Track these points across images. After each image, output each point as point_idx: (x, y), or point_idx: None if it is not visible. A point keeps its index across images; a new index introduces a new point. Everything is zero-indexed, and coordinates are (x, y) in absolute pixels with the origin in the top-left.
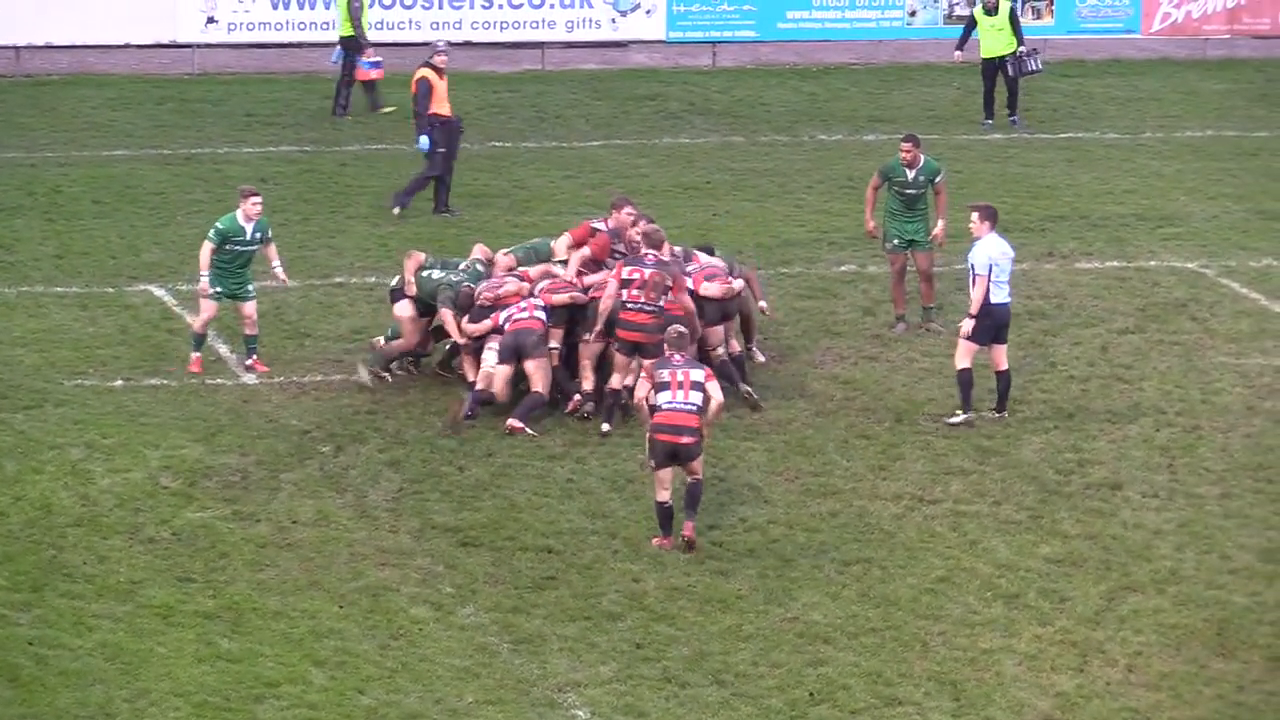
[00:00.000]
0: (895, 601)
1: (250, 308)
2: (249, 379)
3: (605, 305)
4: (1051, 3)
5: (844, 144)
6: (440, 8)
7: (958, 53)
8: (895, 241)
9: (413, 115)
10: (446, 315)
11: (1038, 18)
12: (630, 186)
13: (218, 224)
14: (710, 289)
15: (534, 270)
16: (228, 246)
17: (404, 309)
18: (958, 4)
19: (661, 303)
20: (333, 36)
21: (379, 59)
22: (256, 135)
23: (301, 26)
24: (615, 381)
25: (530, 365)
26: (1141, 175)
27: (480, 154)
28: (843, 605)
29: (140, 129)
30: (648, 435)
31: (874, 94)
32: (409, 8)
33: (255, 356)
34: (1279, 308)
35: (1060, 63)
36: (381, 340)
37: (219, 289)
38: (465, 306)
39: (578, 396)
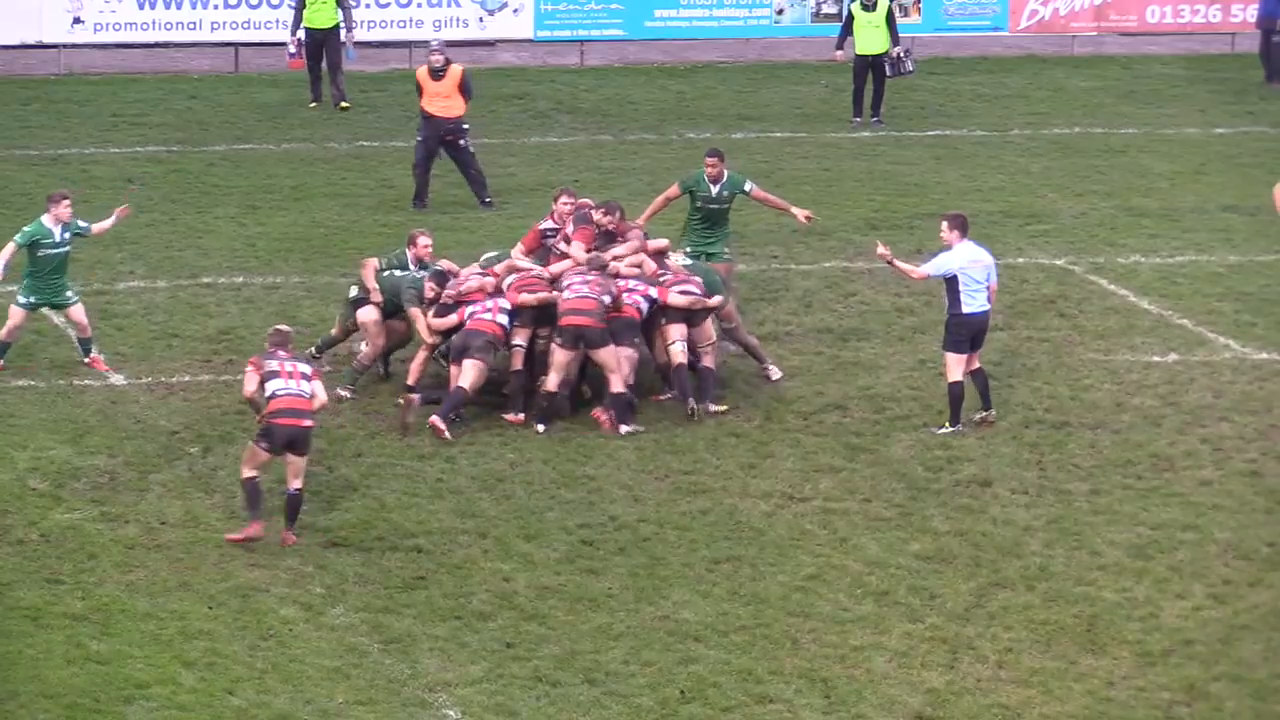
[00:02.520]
0: (766, 599)
1: (75, 312)
2: (117, 380)
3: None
4: (919, 1)
5: (712, 142)
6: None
7: (838, 52)
8: (688, 251)
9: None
10: (416, 314)
11: (905, 15)
12: (499, 185)
13: (26, 227)
14: (678, 300)
15: (499, 266)
16: (39, 252)
17: (369, 313)
18: (825, 2)
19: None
20: (200, 36)
21: (294, 50)
22: (123, 135)
23: (168, 26)
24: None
25: (466, 362)
26: (1009, 172)
27: (348, 153)
28: (713, 603)
29: (6, 129)
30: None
31: (742, 92)
32: (276, 7)
33: (93, 355)
34: (1147, 304)
35: (928, 60)
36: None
37: (32, 298)
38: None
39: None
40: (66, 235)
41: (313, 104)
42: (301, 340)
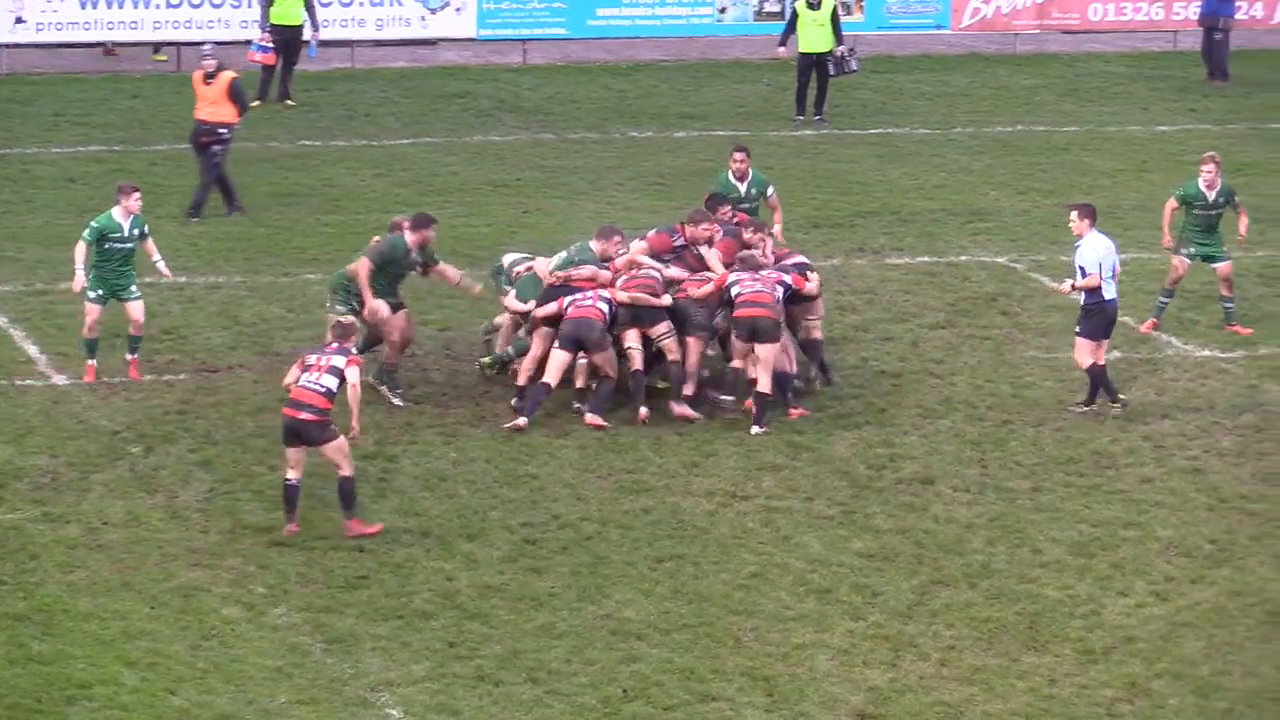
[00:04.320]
0: (708, 597)
1: (135, 309)
2: (59, 380)
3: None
4: None
5: (654, 141)
6: (250, 6)
7: (781, 49)
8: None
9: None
10: (364, 264)
11: (848, 14)
12: (440, 185)
13: (93, 222)
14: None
15: (620, 261)
16: (106, 245)
17: (383, 308)
18: (767, 0)
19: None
20: (142, 35)
21: (269, 45)
22: (65, 135)
23: (110, 26)
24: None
25: (598, 359)
26: (951, 170)
27: (290, 152)
28: (656, 602)
29: None
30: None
31: (684, 91)
32: (218, 6)
33: (135, 357)
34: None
35: (871, 58)
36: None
37: (100, 290)
38: (419, 223)
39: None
40: (134, 231)
41: (256, 102)
42: (246, 341)
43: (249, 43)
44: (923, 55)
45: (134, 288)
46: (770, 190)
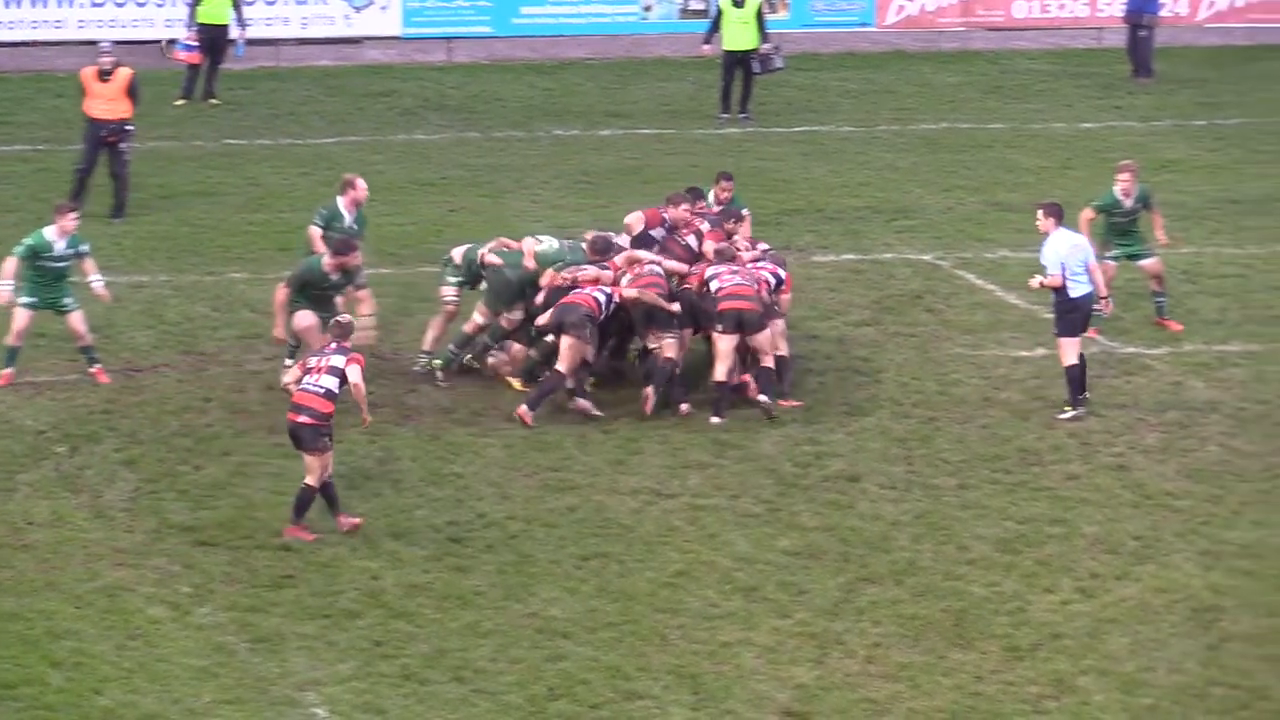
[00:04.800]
0: (634, 596)
1: (75, 319)
2: None
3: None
4: None
5: (580, 139)
6: (174, 5)
7: (706, 46)
8: None
9: None
10: (280, 288)
11: (773, 11)
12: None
13: (27, 239)
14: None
15: (620, 258)
16: (39, 263)
17: (306, 318)
18: None
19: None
20: (66, 35)
21: (193, 43)
22: None
23: (34, 25)
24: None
25: (564, 341)
26: (876, 168)
27: (215, 151)
28: (581, 600)
29: None
30: None
31: (609, 89)
32: (142, 5)
33: (98, 367)
34: (1013, 299)
35: (795, 56)
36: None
37: (34, 298)
38: (340, 249)
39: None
40: (69, 250)
41: (181, 101)
42: (171, 341)
43: (174, 41)
44: (847, 53)
45: (69, 300)
46: (744, 211)
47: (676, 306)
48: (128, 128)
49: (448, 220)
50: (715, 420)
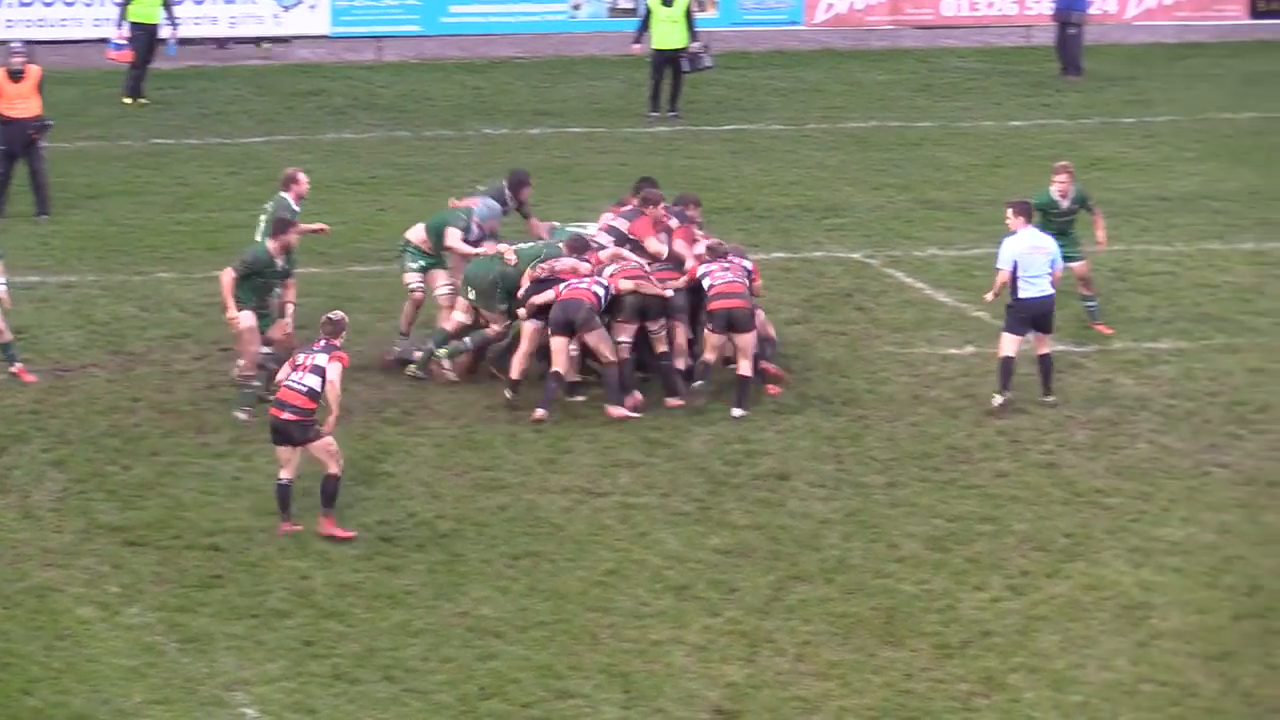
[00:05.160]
0: (565, 595)
1: None
2: None
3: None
4: None
5: (510, 138)
6: (102, 4)
7: (636, 45)
8: None
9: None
10: (227, 273)
11: (701, 10)
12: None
13: None
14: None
15: (604, 254)
16: None
17: (247, 319)
18: None
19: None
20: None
21: (123, 41)
22: None
23: None
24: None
25: (590, 338)
26: (806, 166)
27: (142, 150)
28: (512, 599)
29: None
30: None
31: (539, 87)
32: (70, 4)
33: (19, 366)
34: (943, 297)
35: (724, 55)
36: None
37: None
38: (279, 229)
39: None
40: None
41: (143, 100)
42: (99, 341)
43: (105, 41)
44: (777, 51)
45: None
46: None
47: (670, 291)
48: (48, 122)
49: (377, 219)
50: (672, 401)
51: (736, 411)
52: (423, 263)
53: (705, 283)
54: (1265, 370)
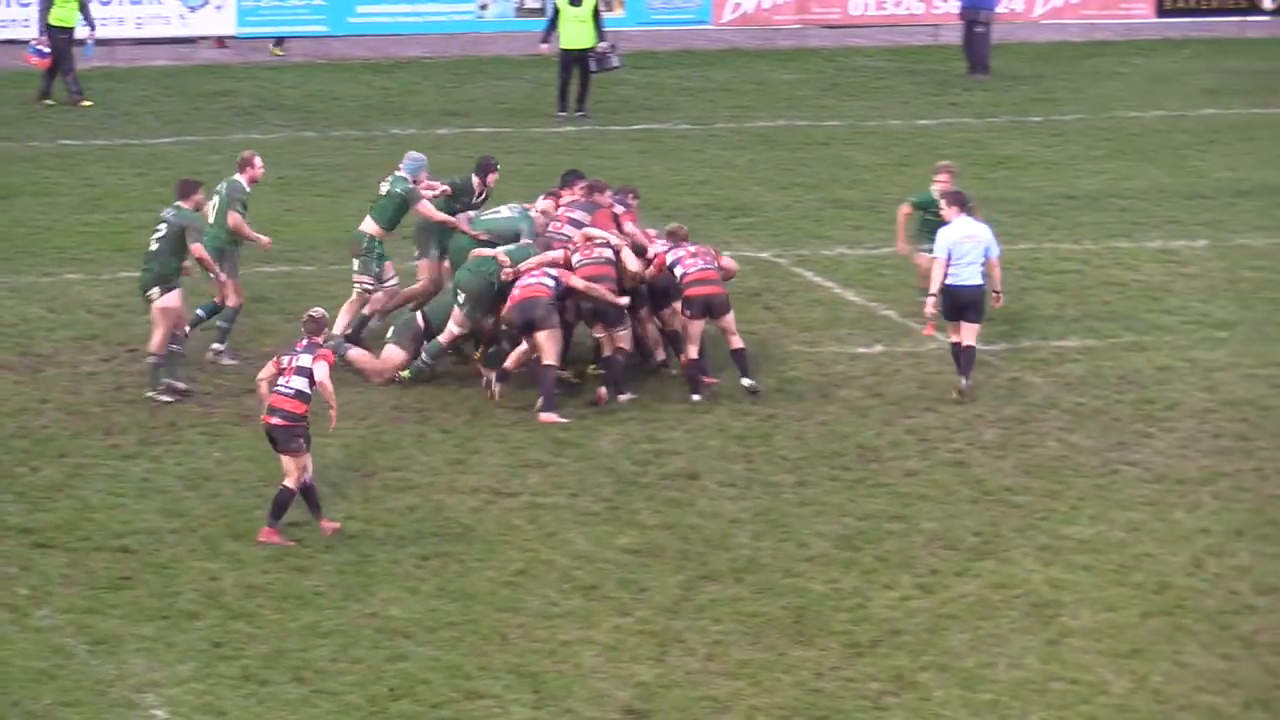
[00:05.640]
0: (474, 595)
1: None
2: None
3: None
4: None
5: (417, 138)
6: (8, 5)
7: (544, 45)
8: None
9: None
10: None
11: (609, 10)
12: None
13: None
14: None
15: (577, 236)
16: None
17: (172, 299)
18: None
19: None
20: None
21: (45, 49)
22: None
23: None
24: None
25: (541, 336)
26: (714, 165)
27: (50, 151)
28: (421, 600)
29: None
30: None
31: (446, 87)
32: None
33: None
34: (852, 295)
35: (632, 54)
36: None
37: None
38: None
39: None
40: None
41: (49, 102)
42: (6, 342)
43: (27, 43)
44: (684, 51)
45: None
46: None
47: (625, 300)
48: None
49: (284, 220)
50: (696, 398)
51: (747, 381)
52: (380, 252)
53: (677, 270)
54: (1173, 368)
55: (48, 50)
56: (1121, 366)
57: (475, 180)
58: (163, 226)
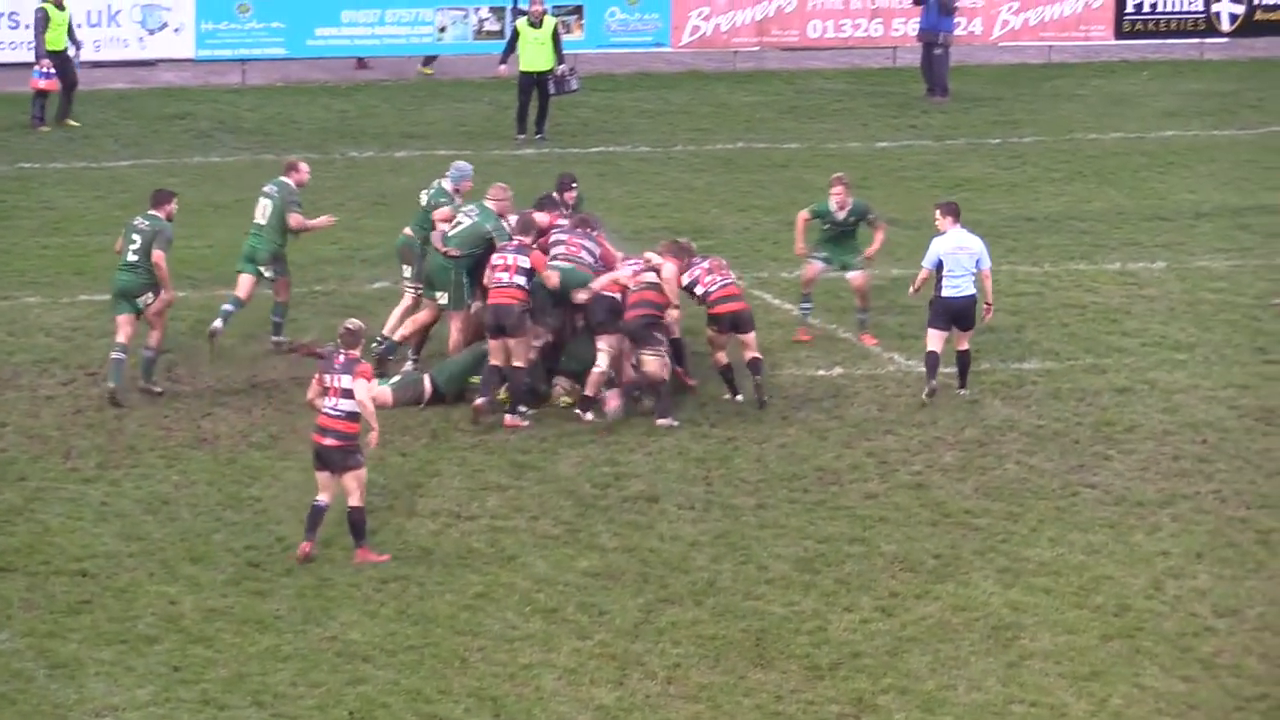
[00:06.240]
0: (434, 618)
1: None
2: None
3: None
4: (581, 17)
5: (375, 161)
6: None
7: (502, 67)
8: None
9: None
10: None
11: (568, 32)
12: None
13: None
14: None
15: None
16: None
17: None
18: (487, 19)
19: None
20: None
21: (51, 71)
22: None
23: None
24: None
25: (511, 341)
26: (673, 188)
27: (8, 175)
28: (381, 623)
29: None
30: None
31: (405, 110)
32: None
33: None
34: (811, 318)
35: (591, 77)
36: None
37: None
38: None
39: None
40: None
41: (45, 127)
42: None
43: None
44: (643, 73)
45: None
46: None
47: (583, 296)
48: None
49: (242, 242)
50: (734, 398)
51: (760, 391)
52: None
53: (698, 290)
54: (1132, 390)
55: (53, 72)
56: (1081, 389)
57: (556, 195)
58: (137, 237)
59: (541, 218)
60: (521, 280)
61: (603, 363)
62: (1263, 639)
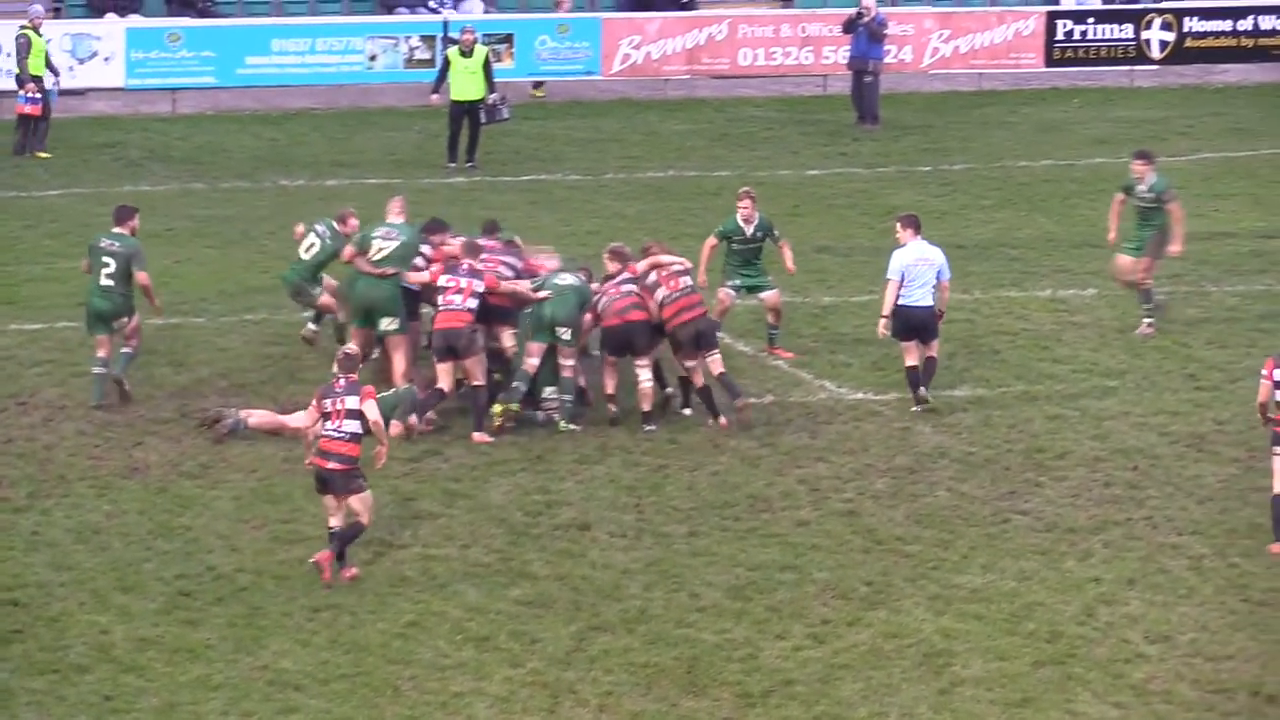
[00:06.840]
0: (366, 647)
1: None
2: None
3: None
4: (511, 45)
5: (306, 189)
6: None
7: (434, 96)
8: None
9: None
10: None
11: (499, 61)
12: (91, 236)
13: None
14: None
15: (643, 264)
16: None
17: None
18: (418, 48)
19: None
20: None
21: (38, 95)
22: None
23: None
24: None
25: (469, 362)
26: (604, 216)
27: None
28: (313, 652)
29: None
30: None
31: (336, 139)
32: None
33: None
34: (743, 345)
35: (522, 105)
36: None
37: None
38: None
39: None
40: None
41: (43, 153)
42: None
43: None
44: (574, 101)
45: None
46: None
47: (524, 284)
48: None
49: (173, 271)
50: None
51: (739, 402)
52: None
53: (659, 296)
54: (1063, 417)
55: (39, 97)
56: (1012, 416)
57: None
58: (110, 260)
59: (478, 241)
60: (473, 304)
61: (648, 378)
62: (1194, 665)
